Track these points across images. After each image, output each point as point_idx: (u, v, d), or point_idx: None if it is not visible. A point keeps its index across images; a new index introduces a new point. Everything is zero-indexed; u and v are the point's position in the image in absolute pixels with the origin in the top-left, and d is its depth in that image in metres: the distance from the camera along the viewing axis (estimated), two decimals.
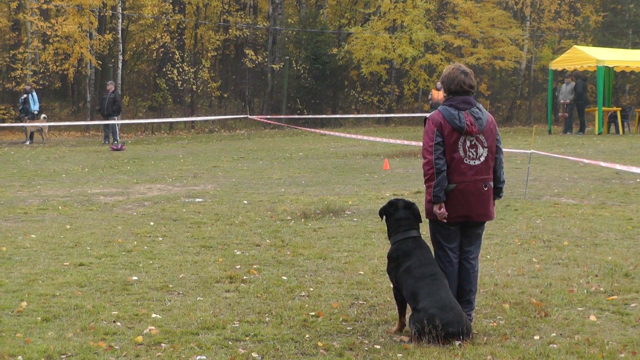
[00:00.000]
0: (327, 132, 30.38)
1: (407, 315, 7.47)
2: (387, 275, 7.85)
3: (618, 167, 16.92)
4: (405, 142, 21.13)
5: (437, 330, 6.99)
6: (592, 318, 7.86)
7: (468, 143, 7.49)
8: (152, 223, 13.51)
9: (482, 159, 7.53)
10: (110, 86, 32.76)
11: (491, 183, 7.62)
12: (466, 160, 7.48)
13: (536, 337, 7.31)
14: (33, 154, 27.61)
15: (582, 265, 10.08)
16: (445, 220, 7.53)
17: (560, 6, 49.02)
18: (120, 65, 42.02)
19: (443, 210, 7.46)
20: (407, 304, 7.49)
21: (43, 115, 34.94)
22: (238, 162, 23.98)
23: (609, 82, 35.36)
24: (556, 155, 20.04)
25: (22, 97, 34.44)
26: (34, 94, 34.52)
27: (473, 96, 7.68)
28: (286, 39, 46.14)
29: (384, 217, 7.88)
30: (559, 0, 48.50)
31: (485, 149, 7.55)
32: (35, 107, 34.14)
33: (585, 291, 8.85)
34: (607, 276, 9.51)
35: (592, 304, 8.39)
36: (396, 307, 7.69)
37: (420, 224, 7.78)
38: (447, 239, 7.63)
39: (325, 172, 20.98)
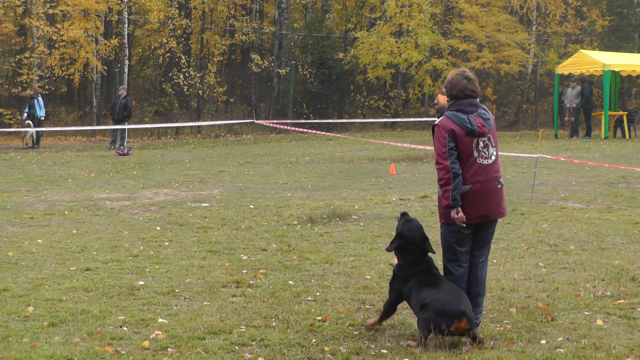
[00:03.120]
0: (333, 135, 30.34)
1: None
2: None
3: (622, 168, 16.90)
4: (412, 146, 21.11)
5: (446, 323, 6.97)
6: (599, 322, 7.85)
7: (481, 144, 7.56)
8: (158, 228, 13.52)
9: (492, 157, 7.62)
10: (123, 91, 32.82)
11: (502, 180, 7.70)
12: (479, 160, 7.53)
13: (543, 342, 7.31)
14: (39, 158, 27.65)
15: (589, 270, 10.07)
16: (465, 225, 7.55)
17: (567, 10, 48.97)
18: (126, 70, 42.06)
19: (461, 214, 7.48)
20: (390, 315, 7.69)
21: (28, 122, 34.06)
22: (244, 167, 23.99)
23: (615, 86, 35.30)
24: (562, 159, 20.03)
25: (29, 102, 34.43)
26: (40, 99, 34.52)
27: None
28: (292, 43, 46.15)
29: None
30: (565, 5, 48.46)
31: (494, 148, 7.65)
32: (41, 112, 34.16)
33: (591, 295, 8.84)
34: (613, 280, 9.50)
35: (598, 308, 8.38)
36: (402, 313, 7.69)
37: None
38: (460, 243, 7.64)
39: (331, 177, 20.98)
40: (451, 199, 7.47)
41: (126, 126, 32.06)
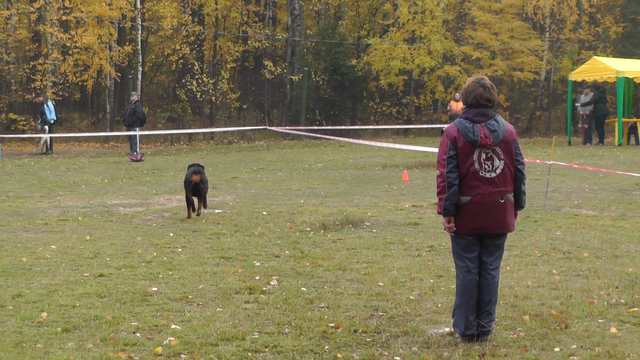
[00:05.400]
0: (346, 139, 30.29)
1: None
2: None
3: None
4: (423, 149, 21.06)
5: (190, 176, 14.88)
6: (613, 330, 7.82)
7: (484, 155, 7.48)
8: (171, 234, 13.54)
9: (498, 171, 7.51)
10: (134, 97, 32.91)
11: (509, 195, 7.57)
12: (482, 172, 7.46)
13: (556, 349, 7.28)
14: (53, 164, 27.74)
15: (603, 277, 10.04)
16: (453, 234, 7.57)
17: (580, 17, 48.87)
18: (139, 76, 42.20)
19: (452, 224, 7.50)
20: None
21: (45, 127, 34.50)
22: (257, 173, 24.01)
23: (629, 93, 35.19)
24: (576, 166, 19.98)
25: (41, 109, 34.60)
26: (49, 103, 34.65)
27: (492, 109, 7.64)
28: (305, 50, 46.22)
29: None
30: (579, 11, 48.35)
31: (502, 161, 7.52)
32: (51, 115, 34.25)
33: (605, 303, 8.81)
34: (627, 288, 9.46)
35: (612, 315, 8.35)
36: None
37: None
38: (465, 249, 7.63)
39: (344, 183, 20.97)
40: (442, 208, 7.51)
41: (138, 132, 32.10)
